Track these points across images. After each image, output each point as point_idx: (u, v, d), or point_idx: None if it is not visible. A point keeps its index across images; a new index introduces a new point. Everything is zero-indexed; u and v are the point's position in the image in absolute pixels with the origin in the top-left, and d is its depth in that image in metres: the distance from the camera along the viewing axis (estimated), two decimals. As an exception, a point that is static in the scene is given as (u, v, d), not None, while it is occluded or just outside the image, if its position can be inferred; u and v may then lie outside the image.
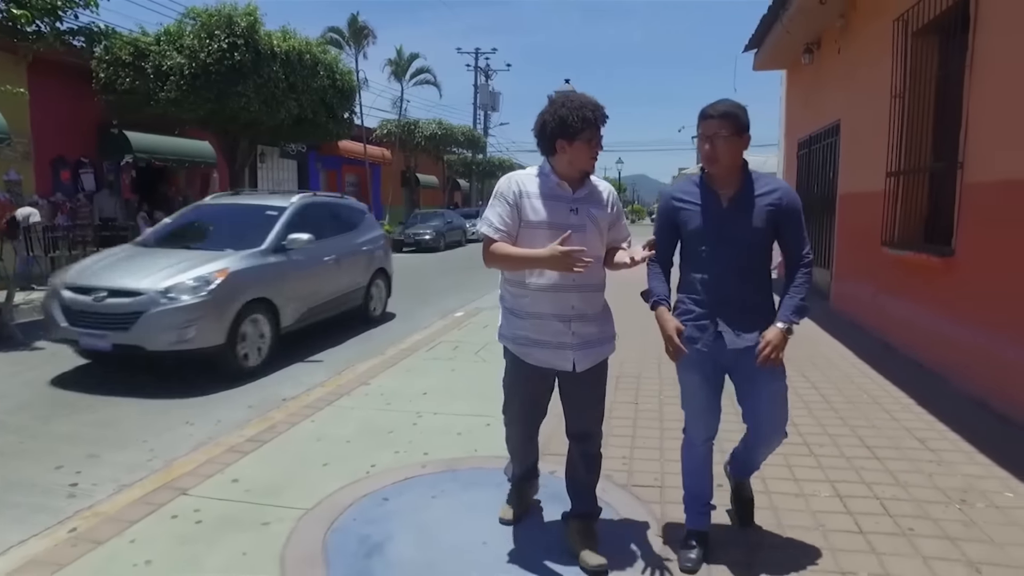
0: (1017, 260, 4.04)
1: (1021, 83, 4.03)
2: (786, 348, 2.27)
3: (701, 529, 2.51)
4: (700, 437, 2.47)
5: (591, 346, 2.38)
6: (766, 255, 2.38)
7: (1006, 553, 2.47)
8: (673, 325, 2.32)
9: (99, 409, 4.75)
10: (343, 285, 7.19)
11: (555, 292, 2.30)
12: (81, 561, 2.47)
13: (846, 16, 7.64)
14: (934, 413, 4.11)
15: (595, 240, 2.35)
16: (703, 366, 2.38)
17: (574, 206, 2.33)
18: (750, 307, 2.33)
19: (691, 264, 2.41)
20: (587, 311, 2.36)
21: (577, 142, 2.26)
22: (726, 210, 2.33)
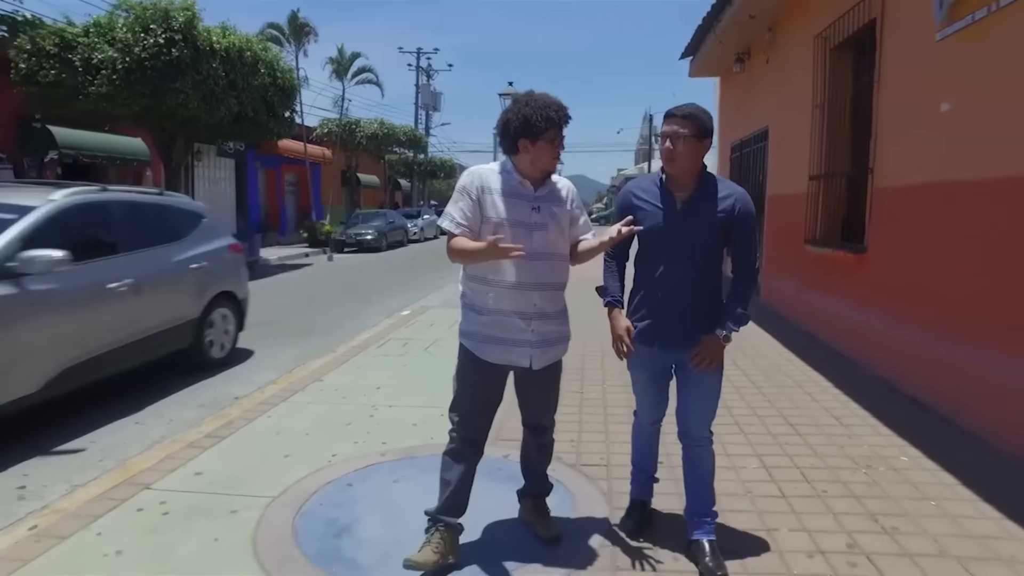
0: (916, 256, 4.53)
1: (917, 99, 4.50)
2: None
3: (644, 498, 2.74)
4: (648, 420, 2.64)
5: (549, 345, 2.41)
6: (717, 259, 2.42)
7: (899, 505, 2.84)
8: (624, 325, 2.40)
9: (40, 410, 4.66)
10: (151, 321, 4.99)
11: (519, 290, 2.31)
12: (47, 555, 2.51)
13: (773, 30, 8.18)
14: (848, 394, 4.54)
15: (557, 237, 2.38)
16: (651, 363, 2.46)
17: (536, 204, 2.34)
18: (698, 309, 2.37)
19: (644, 263, 2.45)
20: (548, 309, 2.38)
21: (540, 142, 2.27)
22: (680, 212, 2.35)
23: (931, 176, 4.33)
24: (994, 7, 3.56)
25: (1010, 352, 3.49)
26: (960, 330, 3.98)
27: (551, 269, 2.36)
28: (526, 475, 2.70)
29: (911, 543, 2.54)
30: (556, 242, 2.37)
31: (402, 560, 2.28)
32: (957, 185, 4.05)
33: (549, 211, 2.35)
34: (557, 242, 2.37)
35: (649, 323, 2.41)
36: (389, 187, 32.44)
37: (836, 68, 6.16)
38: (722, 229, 2.33)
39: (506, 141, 2.34)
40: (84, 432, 4.18)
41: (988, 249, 3.72)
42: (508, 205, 2.32)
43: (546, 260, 2.34)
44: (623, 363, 2.56)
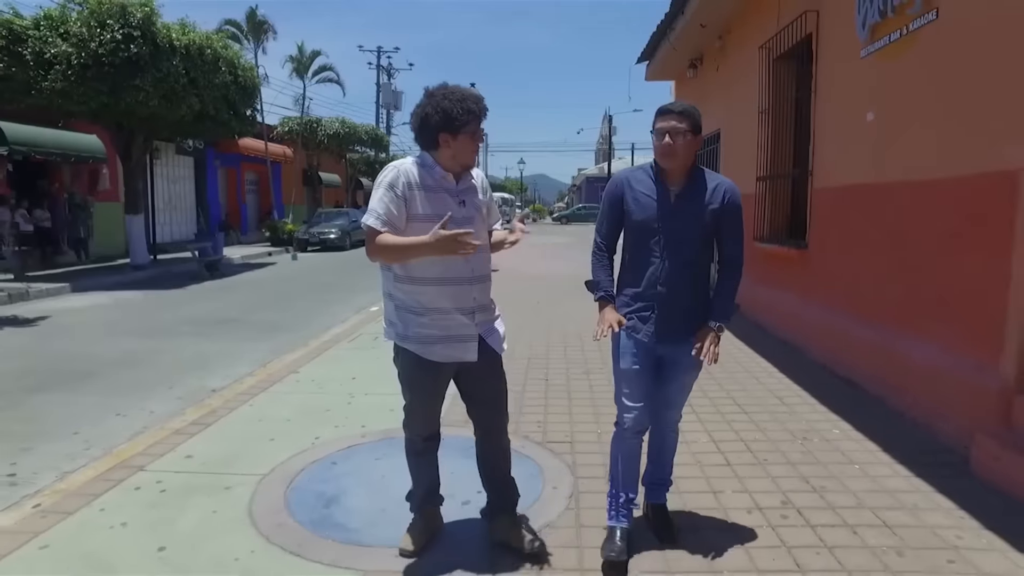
0: (846, 252, 4.98)
1: (847, 108, 4.96)
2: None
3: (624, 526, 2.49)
4: (633, 424, 2.44)
5: (493, 331, 2.42)
6: (708, 251, 2.40)
7: (828, 469, 3.24)
8: (612, 319, 2.37)
9: (19, 404, 4.75)
10: None
11: (456, 286, 2.28)
12: (56, 529, 2.68)
13: (723, 39, 8.64)
14: (791, 377, 4.97)
15: (483, 229, 2.37)
16: (641, 354, 2.41)
17: (461, 198, 2.31)
18: (690, 302, 2.37)
19: (635, 256, 2.42)
20: (485, 301, 2.38)
21: (461, 135, 2.22)
22: (674, 205, 2.35)
23: (857, 178, 4.78)
24: (905, 31, 4.01)
25: (920, 336, 3.95)
26: (881, 318, 4.43)
27: (483, 261, 2.35)
28: (491, 487, 2.56)
29: (835, 498, 2.92)
30: (482, 234, 2.34)
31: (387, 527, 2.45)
32: (876, 187, 4.50)
33: (473, 203, 2.34)
34: (483, 234, 2.35)
35: (641, 315, 2.39)
36: (351, 186, 32.27)
37: (779, 77, 6.62)
38: (713, 221, 2.33)
39: (425, 136, 2.26)
40: (65, 425, 4.28)
41: (900, 245, 4.17)
42: (434, 201, 2.25)
43: (479, 253, 2.27)
44: (585, 353, 2.74)
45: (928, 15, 3.82)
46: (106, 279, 12.32)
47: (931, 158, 3.85)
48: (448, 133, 2.21)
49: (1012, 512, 2.76)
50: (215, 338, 7.15)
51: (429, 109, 2.21)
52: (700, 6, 7.72)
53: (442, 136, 2.22)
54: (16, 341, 7.03)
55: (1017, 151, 3.09)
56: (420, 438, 2.48)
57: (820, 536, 2.59)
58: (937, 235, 3.80)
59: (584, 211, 43.69)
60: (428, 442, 2.51)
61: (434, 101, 2.21)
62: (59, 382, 5.32)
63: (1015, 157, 3.10)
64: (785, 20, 6.17)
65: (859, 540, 2.55)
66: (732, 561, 2.38)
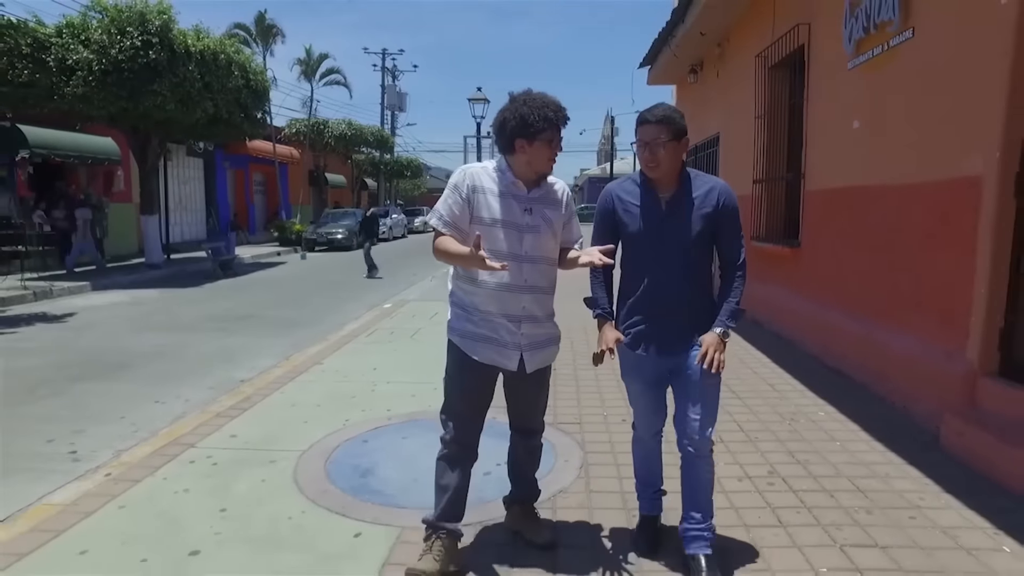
0: (836, 250, 5.33)
1: (836, 116, 5.31)
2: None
3: (655, 513, 2.59)
4: (648, 433, 2.50)
5: (539, 348, 2.36)
6: (706, 257, 2.33)
7: (812, 445, 3.59)
8: (613, 337, 2.33)
9: (64, 392, 5.11)
10: None
11: (507, 292, 2.26)
12: (130, 492, 3.05)
13: (722, 46, 8.99)
14: (783, 367, 5.31)
15: (549, 241, 2.33)
16: (644, 370, 2.38)
17: (528, 206, 2.29)
18: (691, 310, 2.30)
19: (631, 267, 2.36)
20: (537, 313, 2.33)
21: (537, 142, 2.21)
22: (665, 212, 2.28)
23: (845, 182, 5.13)
24: (886, 47, 4.36)
25: (899, 328, 4.29)
26: (865, 311, 4.78)
27: (540, 273, 2.31)
28: (514, 480, 2.63)
29: (815, 469, 3.28)
30: (547, 246, 2.32)
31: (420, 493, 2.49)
32: (861, 190, 4.85)
33: (541, 213, 2.31)
34: (548, 246, 2.33)
35: (642, 329, 2.33)
36: (356, 187, 32.66)
37: (774, 84, 6.97)
38: (709, 224, 2.26)
39: (502, 140, 2.27)
40: (110, 411, 4.65)
41: (882, 244, 4.52)
42: (500, 205, 2.27)
43: (535, 263, 2.29)
44: (589, 345, 2.77)
45: (906, 33, 4.17)
46: (123, 278, 12.70)
47: (909, 164, 4.20)
48: (524, 139, 2.21)
49: (971, 479, 3.11)
50: (237, 333, 7.52)
51: (508, 114, 2.22)
52: (700, 15, 8.06)
53: (518, 142, 2.22)
54: (49, 336, 7.41)
55: (978, 160, 3.44)
56: (454, 442, 2.38)
57: (800, 499, 2.94)
58: (914, 235, 4.15)
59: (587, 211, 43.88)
60: (461, 448, 2.40)
61: (514, 106, 2.22)
62: (97, 373, 5.69)
63: (976, 165, 3.45)
64: (779, 31, 6.51)
65: (834, 502, 2.90)
66: (723, 518, 2.73)
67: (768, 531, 2.66)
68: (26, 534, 2.65)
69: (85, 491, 3.05)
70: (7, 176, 13.36)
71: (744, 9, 7.71)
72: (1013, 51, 3.20)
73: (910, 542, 2.56)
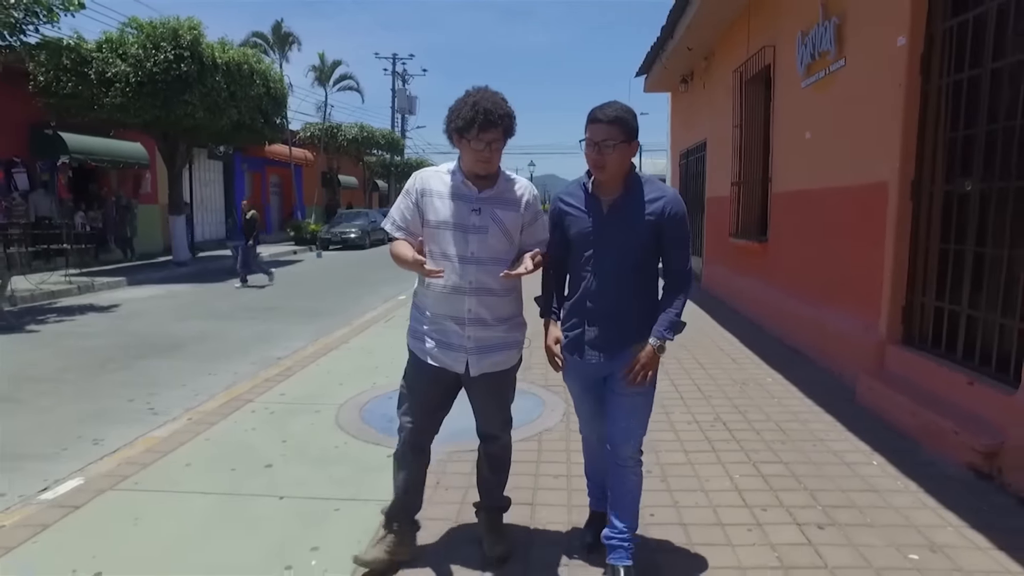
0: (792, 244, 6.13)
1: (793, 127, 6.11)
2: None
3: (601, 510, 2.53)
4: (593, 435, 2.49)
5: (487, 352, 2.28)
6: (648, 264, 2.27)
7: (754, 401, 4.41)
8: (553, 337, 2.34)
9: (131, 366, 6.00)
10: None
11: (453, 294, 2.23)
12: (210, 430, 3.91)
13: (709, 59, 9.80)
14: (747, 346, 6.12)
15: (499, 242, 2.24)
16: (582, 374, 2.35)
17: (477, 206, 2.22)
18: (629, 317, 2.24)
19: (574, 271, 2.32)
20: (485, 316, 2.26)
21: (464, 140, 2.15)
22: (606, 216, 2.23)
23: (800, 185, 5.94)
24: (827, 71, 5.17)
25: (835, 308, 5.10)
26: (813, 296, 5.58)
27: (489, 274, 2.22)
28: (479, 486, 2.59)
29: (752, 416, 4.09)
30: (497, 247, 2.24)
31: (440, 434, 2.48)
32: (811, 192, 5.66)
33: (491, 214, 2.23)
34: (498, 247, 2.24)
35: (578, 332, 2.29)
36: (368, 188, 33.62)
37: (749, 97, 7.76)
38: (652, 232, 2.20)
39: (446, 134, 2.25)
40: (173, 380, 5.52)
41: (825, 239, 5.32)
42: (447, 207, 2.23)
43: (483, 265, 2.21)
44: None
45: (840, 61, 4.98)
46: (154, 274, 13.64)
47: (843, 170, 5.00)
48: (456, 135, 2.17)
49: (870, 421, 3.93)
50: (268, 321, 8.41)
51: (451, 108, 2.19)
52: (687, 32, 8.87)
53: (455, 137, 2.19)
54: (104, 323, 8.32)
55: (885, 168, 4.24)
56: (405, 442, 2.42)
57: (733, 435, 3.76)
58: (845, 231, 4.96)
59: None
60: (411, 452, 2.43)
61: (458, 101, 2.18)
62: (154, 352, 6.57)
63: (884, 172, 4.26)
64: (752, 50, 7.32)
65: (758, 436, 3.73)
66: (667, 445, 3.55)
67: (702, 455, 3.49)
68: (143, 453, 3.53)
69: (175, 430, 3.92)
70: (48, 179, 14.34)
71: (725, 28, 8.52)
72: (906, 82, 4.01)
73: (806, 460, 3.38)
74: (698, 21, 8.29)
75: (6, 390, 5.13)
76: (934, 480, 3.09)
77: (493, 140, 2.15)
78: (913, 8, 3.96)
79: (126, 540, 2.64)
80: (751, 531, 2.66)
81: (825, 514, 2.79)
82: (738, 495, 2.99)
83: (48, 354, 6.44)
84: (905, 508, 2.84)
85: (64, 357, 6.31)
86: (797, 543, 2.56)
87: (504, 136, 2.18)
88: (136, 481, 3.19)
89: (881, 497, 2.95)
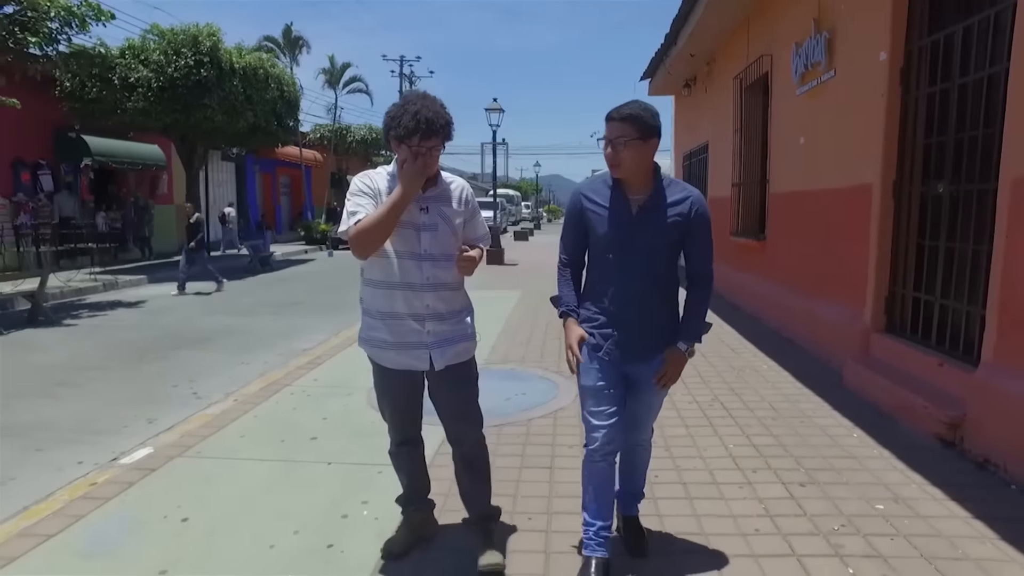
0: (789, 241, 6.53)
1: (789, 132, 6.51)
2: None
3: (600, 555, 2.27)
4: (601, 445, 2.25)
5: (448, 344, 2.32)
6: (674, 265, 2.26)
7: (749, 384, 4.82)
8: (577, 335, 2.28)
9: (168, 357, 6.43)
10: None
11: (411, 291, 2.25)
12: (256, 409, 4.33)
13: (710, 65, 10.19)
14: (746, 336, 6.52)
15: (448, 239, 2.30)
16: (604, 372, 2.27)
17: (424, 205, 2.27)
18: (655, 318, 2.25)
19: (597, 270, 2.30)
20: (442, 310, 2.30)
21: (402, 146, 2.16)
22: (635, 217, 2.20)
23: (795, 186, 6.33)
24: (819, 81, 5.57)
25: (827, 300, 5.49)
26: (807, 289, 5.98)
27: (443, 270, 2.28)
28: (462, 499, 2.53)
29: (747, 396, 4.50)
30: (447, 243, 2.30)
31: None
32: (805, 193, 6.05)
33: (439, 211, 2.29)
34: (448, 243, 2.30)
35: (604, 333, 2.27)
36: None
37: (749, 102, 8.15)
38: (678, 233, 2.19)
39: (385, 136, 2.28)
40: (208, 369, 5.95)
41: (819, 236, 5.71)
42: None
43: (436, 261, 2.27)
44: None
45: (830, 72, 5.38)
46: (173, 272, 14.05)
47: (833, 173, 5.39)
48: (395, 140, 2.20)
49: (855, 402, 4.32)
50: (290, 316, 8.84)
51: (389, 111, 2.22)
52: (690, 40, 9.26)
53: (393, 141, 2.21)
54: (134, 317, 8.77)
55: (870, 171, 4.64)
56: (394, 443, 2.49)
57: (729, 412, 4.17)
58: (836, 228, 5.35)
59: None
60: (402, 447, 2.49)
61: (396, 105, 2.22)
62: (188, 344, 7.00)
63: (869, 175, 4.65)
64: (751, 58, 7.71)
65: (751, 414, 4.13)
66: (670, 421, 3.95)
67: (700, 429, 3.90)
68: (199, 427, 3.95)
69: (224, 409, 4.34)
70: (72, 181, 14.83)
71: (726, 36, 8.91)
72: (888, 93, 4.40)
73: (793, 433, 3.78)
74: (700, 30, 8.68)
75: (63, 377, 5.57)
76: (905, 448, 3.49)
77: (434, 147, 2.19)
78: (893, 26, 4.36)
79: (202, 494, 3.06)
80: (742, 488, 3.06)
81: (807, 475, 3.19)
82: (732, 460, 3.40)
83: (89, 345, 6.88)
84: (877, 471, 3.24)
85: (105, 349, 6.75)
86: (781, 497, 2.96)
87: (443, 142, 2.23)
88: (199, 450, 3.62)
89: (858, 462, 3.35)
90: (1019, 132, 3.12)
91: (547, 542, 2.60)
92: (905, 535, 2.60)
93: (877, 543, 2.54)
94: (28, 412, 4.60)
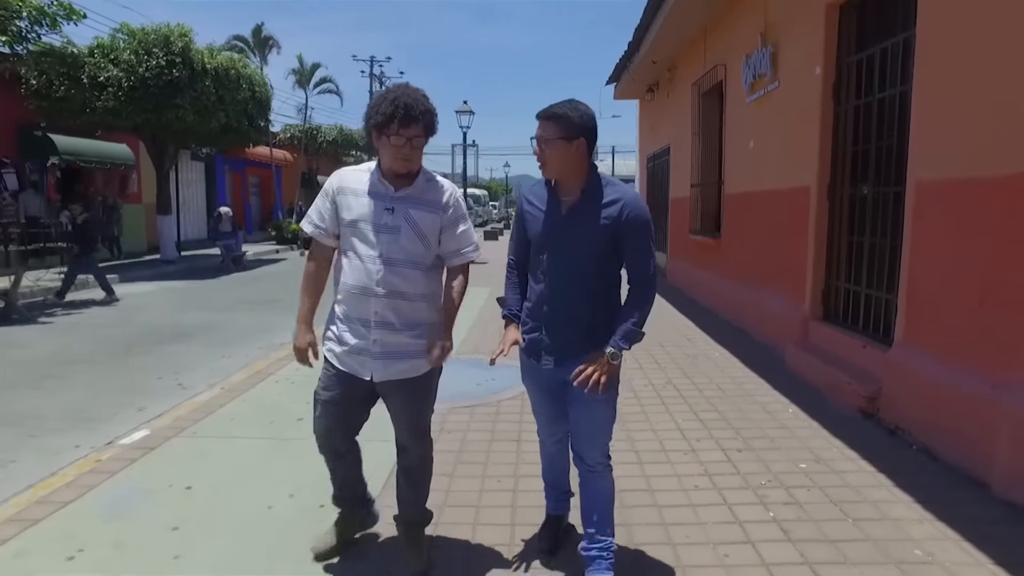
0: (741, 239, 7.02)
1: (740, 137, 7.00)
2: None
3: (557, 513, 2.58)
4: (549, 439, 2.45)
5: (393, 359, 2.21)
6: (609, 269, 2.18)
7: (700, 369, 5.26)
8: (511, 339, 2.28)
9: (152, 351, 6.63)
10: None
11: (361, 295, 2.18)
12: (243, 395, 4.61)
13: (672, 71, 10.68)
14: (702, 328, 6.99)
15: (412, 244, 2.18)
16: (539, 378, 2.28)
17: (390, 205, 2.17)
18: (587, 322, 2.17)
19: (533, 272, 2.28)
20: (393, 320, 2.18)
21: (384, 136, 2.10)
22: (564, 218, 2.17)
23: (745, 187, 6.82)
24: (765, 91, 6.05)
25: (773, 293, 5.98)
26: (756, 283, 6.47)
27: (401, 277, 2.17)
28: (397, 499, 2.49)
29: (698, 380, 4.93)
30: (409, 248, 2.18)
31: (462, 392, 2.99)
32: (754, 194, 6.54)
33: (404, 213, 2.18)
34: (411, 248, 2.18)
35: (536, 336, 2.24)
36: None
37: (706, 108, 8.65)
38: (608, 238, 2.11)
39: (365, 129, 2.21)
40: (192, 363, 6.18)
41: (765, 234, 6.20)
42: (361, 204, 2.19)
43: (393, 266, 2.16)
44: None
45: (775, 83, 5.86)
46: (144, 272, 14.11)
47: (779, 175, 5.88)
48: (376, 131, 2.12)
49: (792, 381, 4.80)
50: (266, 312, 9.05)
51: (371, 102, 2.17)
52: (651, 47, 9.72)
53: (373, 133, 2.15)
54: (113, 315, 8.89)
55: (808, 174, 5.12)
56: (323, 450, 2.44)
57: (680, 392, 4.60)
58: (780, 227, 5.84)
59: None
60: (333, 456, 2.44)
61: (377, 96, 2.17)
62: (169, 339, 7.18)
63: (807, 177, 5.14)
64: (707, 67, 8.20)
65: (700, 394, 4.57)
66: (627, 401, 4.36)
67: (653, 407, 4.31)
68: (191, 412, 4.23)
69: (213, 396, 4.62)
70: (38, 180, 14.69)
71: (686, 45, 9.40)
72: (821, 104, 4.89)
73: (736, 409, 4.23)
74: (661, 39, 9.14)
75: (49, 370, 5.75)
76: (832, 420, 3.96)
77: (414, 136, 2.12)
78: (826, 43, 4.84)
79: (202, 467, 3.36)
80: (686, 454, 3.48)
81: (744, 443, 3.63)
82: (679, 432, 3.82)
83: (71, 341, 7.03)
84: (805, 438, 3.69)
85: (88, 344, 6.91)
86: (719, 460, 3.39)
87: (425, 133, 2.15)
88: (194, 431, 3.90)
89: (789, 431, 3.80)
90: (921, 142, 3.60)
91: (514, 499, 2.97)
92: (820, 487, 3.05)
93: (796, 493, 2.98)
94: (18, 402, 4.80)
